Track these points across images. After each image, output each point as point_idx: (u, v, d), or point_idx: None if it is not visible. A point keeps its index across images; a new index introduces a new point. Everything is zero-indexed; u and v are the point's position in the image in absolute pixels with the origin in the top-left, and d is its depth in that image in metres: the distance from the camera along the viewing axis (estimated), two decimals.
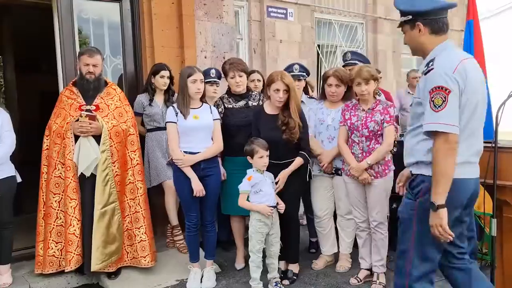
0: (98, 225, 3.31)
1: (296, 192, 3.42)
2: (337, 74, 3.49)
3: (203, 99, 3.53)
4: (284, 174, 3.35)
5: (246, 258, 3.86)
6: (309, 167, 3.54)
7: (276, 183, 3.34)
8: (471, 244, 3.44)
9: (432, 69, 2.13)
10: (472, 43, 3.75)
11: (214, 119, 3.49)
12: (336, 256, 3.80)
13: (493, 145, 2.35)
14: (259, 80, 4.19)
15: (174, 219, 4.07)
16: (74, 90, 3.51)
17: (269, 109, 3.49)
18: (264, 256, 3.36)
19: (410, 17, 2.24)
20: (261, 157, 3.22)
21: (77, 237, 3.34)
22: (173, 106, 3.48)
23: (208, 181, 3.43)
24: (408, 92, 6.18)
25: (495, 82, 6.88)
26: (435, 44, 2.22)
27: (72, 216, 3.34)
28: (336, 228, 3.76)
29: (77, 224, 3.35)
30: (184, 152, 3.38)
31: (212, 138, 3.49)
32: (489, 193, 2.57)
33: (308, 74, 4.06)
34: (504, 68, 12.00)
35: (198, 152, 3.39)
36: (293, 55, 7.68)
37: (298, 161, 3.37)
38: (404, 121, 5.66)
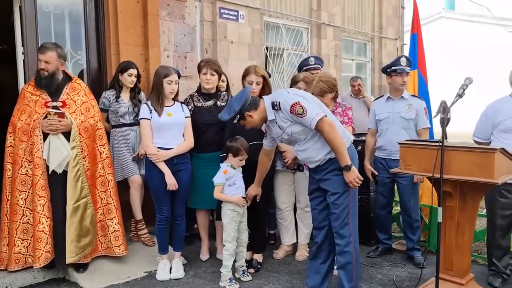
0: (72, 220, 3.35)
1: (265, 185, 3.65)
2: (306, 80, 3.78)
3: (175, 98, 3.69)
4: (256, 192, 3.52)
5: (211, 249, 4.07)
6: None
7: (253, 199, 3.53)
8: (416, 233, 3.92)
9: (279, 102, 2.83)
10: (416, 55, 4.22)
11: (185, 117, 3.66)
12: (294, 246, 4.11)
13: (440, 144, 2.74)
14: (223, 81, 4.39)
15: (138, 214, 4.17)
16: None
17: None
18: None
19: (238, 116, 2.93)
20: (241, 160, 3.45)
21: (46, 234, 3.35)
22: (147, 104, 3.60)
23: (180, 175, 3.59)
24: (351, 95, 6.69)
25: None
26: (263, 111, 2.93)
27: (41, 214, 3.34)
28: (295, 220, 4.07)
29: (46, 221, 3.35)
30: (158, 148, 3.52)
31: (183, 135, 3.66)
32: (434, 186, 2.98)
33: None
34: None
35: (171, 148, 3.54)
36: (243, 56, 7.94)
37: None
38: None
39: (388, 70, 3.89)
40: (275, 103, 2.84)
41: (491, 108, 3.51)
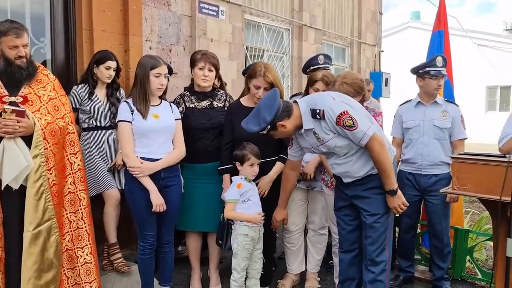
0: (30, 251, 2.56)
1: (274, 202, 3.02)
2: (326, 80, 3.17)
3: (162, 95, 3.00)
4: (266, 181, 3.01)
5: (202, 280, 3.39)
6: None
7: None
8: (447, 261, 3.39)
9: (323, 110, 2.39)
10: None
11: (175, 119, 2.98)
12: (302, 275, 3.49)
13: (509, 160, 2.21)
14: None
15: (113, 236, 3.41)
16: None
17: (247, 102, 3.14)
18: None
19: (269, 126, 2.44)
20: (251, 165, 2.85)
21: None
22: (127, 102, 2.89)
23: (168, 193, 2.90)
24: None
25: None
26: (297, 118, 2.49)
27: None
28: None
29: None
30: (141, 158, 2.81)
31: (172, 142, 2.97)
32: (490, 211, 2.47)
33: None
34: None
35: (158, 159, 2.85)
36: (224, 55, 7.30)
37: (279, 167, 3.04)
38: None
39: (420, 71, 3.34)
40: (318, 111, 2.41)
41: None
